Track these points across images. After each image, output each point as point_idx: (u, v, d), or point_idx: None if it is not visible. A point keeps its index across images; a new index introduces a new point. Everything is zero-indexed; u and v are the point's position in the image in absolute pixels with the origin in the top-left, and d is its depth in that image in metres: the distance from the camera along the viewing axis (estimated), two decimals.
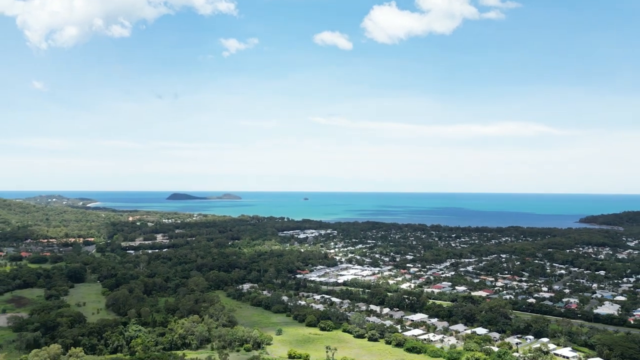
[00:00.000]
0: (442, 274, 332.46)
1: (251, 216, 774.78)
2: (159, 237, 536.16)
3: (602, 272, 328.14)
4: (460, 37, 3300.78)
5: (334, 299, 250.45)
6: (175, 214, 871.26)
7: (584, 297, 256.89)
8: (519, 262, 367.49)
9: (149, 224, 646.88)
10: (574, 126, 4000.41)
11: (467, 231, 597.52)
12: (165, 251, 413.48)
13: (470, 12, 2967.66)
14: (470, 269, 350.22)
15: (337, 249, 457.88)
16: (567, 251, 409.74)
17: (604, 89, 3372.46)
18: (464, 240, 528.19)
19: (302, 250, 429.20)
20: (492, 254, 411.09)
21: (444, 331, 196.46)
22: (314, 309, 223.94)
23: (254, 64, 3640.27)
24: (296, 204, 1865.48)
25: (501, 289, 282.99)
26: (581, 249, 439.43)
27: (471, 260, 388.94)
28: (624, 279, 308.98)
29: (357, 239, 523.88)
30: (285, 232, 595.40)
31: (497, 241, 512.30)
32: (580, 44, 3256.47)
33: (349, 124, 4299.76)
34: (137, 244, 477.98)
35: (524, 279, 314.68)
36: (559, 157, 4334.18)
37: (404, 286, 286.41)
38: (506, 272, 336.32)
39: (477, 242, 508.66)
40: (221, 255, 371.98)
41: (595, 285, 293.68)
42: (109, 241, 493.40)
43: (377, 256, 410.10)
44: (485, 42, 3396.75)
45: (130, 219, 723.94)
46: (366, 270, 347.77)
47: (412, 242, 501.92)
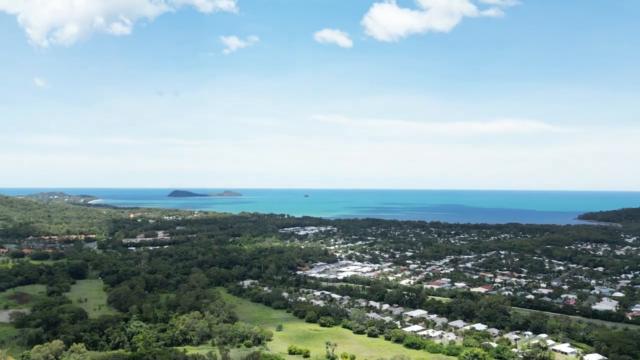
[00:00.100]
0: (441, 270, 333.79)
1: (252, 213, 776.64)
2: (160, 234, 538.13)
3: (600, 269, 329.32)
4: (459, 34, 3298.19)
5: (334, 295, 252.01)
6: (176, 210, 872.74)
7: (583, 293, 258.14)
8: (517, 259, 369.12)
9: (150, 221, 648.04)
10: (573, 123, 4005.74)
11: (466, 228, 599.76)
12: (166, 248, 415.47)
13: (469, 9, 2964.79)
14: (469, 265, 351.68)
15: (337, 246, 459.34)
16: (566, 248, 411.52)
17: (602, 86, 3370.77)
18: (463, 237, 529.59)
19: (302, 247, 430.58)
20: (491, 250, 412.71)
21: (443, 327, 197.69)
22: (314, 305, 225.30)
23: (255, 61, 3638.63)
24: (296, 201, 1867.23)
25: (500, 285, 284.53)
26: (580, 245, 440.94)
27: (470, 256, 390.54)
28: (622, 276, 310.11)
29: (357, 236, 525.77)
30: (285, 229, 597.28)
31: (496, 238, 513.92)
32: (579, 41, 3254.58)
33: (349, 121, 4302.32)
34: (138, 240, 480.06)
35: (522, 275, 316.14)
36: (558, 154, 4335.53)
37: (404, 282, 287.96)
38: (505, 268, 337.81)
39: (476, 238, 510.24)
40: (222, 251, 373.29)
41: (593, 281, 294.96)
42: (110, 238, 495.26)
43: (376, 253, 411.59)
44: (484, 39, 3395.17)
45: (131, 216, 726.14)
46: (366, 266, 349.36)
47: (411, 239, 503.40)
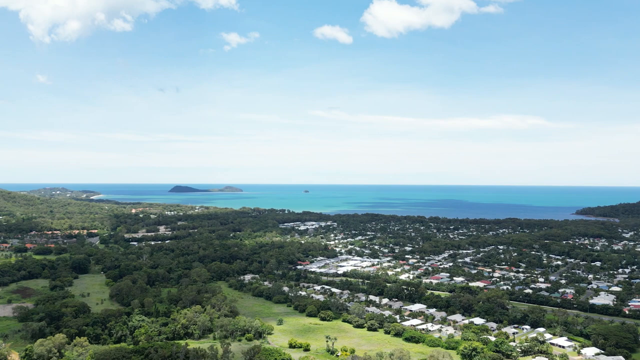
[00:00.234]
0: (440, 265, 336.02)
1: (252, 208, 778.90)
2: (162, 229, 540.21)
3: (597, 263, 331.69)
4: (459, 31, 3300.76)
5: (334, 290, 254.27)
6: (177, 206, 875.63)
7: (580, 287, 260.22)
8: (516, 254, 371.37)
9: (152, 216, 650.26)
10: (571, 119, 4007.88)
11: (465, 223, 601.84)
12: (167, 243, 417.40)
13: (469, 6, 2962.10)
14: (468, 260, 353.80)
15: (337, 241, 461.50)
16: (564, 242, 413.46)
17: (600, 83, 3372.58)
18: (462, 232, 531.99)
19: (302, 241, 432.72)
20: (489, 245, 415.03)
21: (442, 321, 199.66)
22: (314, 299, 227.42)
23: (255, 57, 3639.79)
24: (297, 196, 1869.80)
25: (498, 279, 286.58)
26: (577, 240, 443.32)
27: (469, 251, 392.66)
28: (620, 270, 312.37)
29: (356, 231, 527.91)
30: (286, 224, 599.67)
31: (494, 233, 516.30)
32: (577, 38, 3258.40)
33: (348, 117, 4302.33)
34: (140, 235, 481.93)
35: (521, 269, 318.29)
36: (556, 149, 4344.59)
37: (403, 277, 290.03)
38: (503, 263, 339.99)
39: (475, 233, 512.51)
40: (223, 246, 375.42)
41: (591, 276, 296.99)
42: (112, 233, 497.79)
43: (376, 247, 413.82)
44: (483, 35, 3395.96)
45: (133, 211, 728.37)
46: (365, 261, 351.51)
47: (410, 234, 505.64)
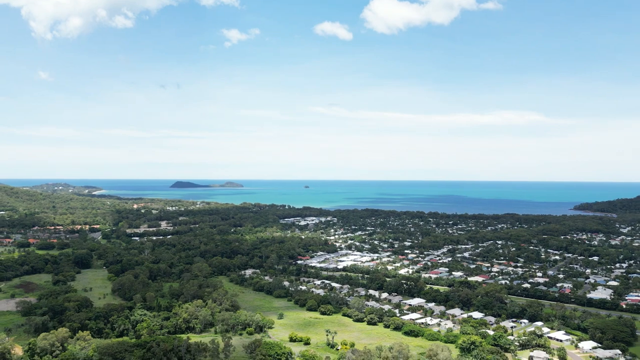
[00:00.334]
0: (439, 259, 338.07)
1: (253, 204, 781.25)
2: (163, 224, 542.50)
3: (595, 258, 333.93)
4: (458, 27, 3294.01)
5: (334, 284, 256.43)
6: (178, 201, 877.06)
7: (578, 282, 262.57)
8: (514, 248, 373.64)
9: (153, 212, 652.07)
10: (569, 115, 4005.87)
11: (464, 218, 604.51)
12: (169, 238, 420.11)
13: (468, 2, 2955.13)
14: (466, 255, 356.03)
15: (337, 236, 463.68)
16: (562, 237, 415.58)
17: (599, 79, 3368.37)
18: (461, 227, 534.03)
19: (302, 237, 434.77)
20: (488, 240, 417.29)
21: (441, 315, 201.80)
22: (315, 293, 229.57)
23: (256, 54, 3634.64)
24: (297, 192, 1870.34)
25: (497, 274, 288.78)
26: (575, 235, 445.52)
27: (468, 246, 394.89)
28: (617, 265, 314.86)
29: (356, 226, 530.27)
30: (286, 219, 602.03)
31: (493, 228, 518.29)
32: (576, 34, 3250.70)
33: (348, 113, 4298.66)
34: (141, 230, 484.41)
35: (519, 264, 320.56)
36: (555, 145, 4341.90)
37: (402, 272, 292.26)
38: (502, 258, 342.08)
39: (473, 228, 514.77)
40: (224, 241, 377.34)
41: (588, 270, 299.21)
42: (114, 228, 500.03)
43: (376, 243, 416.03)
44: (483, 32, 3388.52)
45: (135, 207, 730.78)
46: (365, 256, 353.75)
47: (410, 229, 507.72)
